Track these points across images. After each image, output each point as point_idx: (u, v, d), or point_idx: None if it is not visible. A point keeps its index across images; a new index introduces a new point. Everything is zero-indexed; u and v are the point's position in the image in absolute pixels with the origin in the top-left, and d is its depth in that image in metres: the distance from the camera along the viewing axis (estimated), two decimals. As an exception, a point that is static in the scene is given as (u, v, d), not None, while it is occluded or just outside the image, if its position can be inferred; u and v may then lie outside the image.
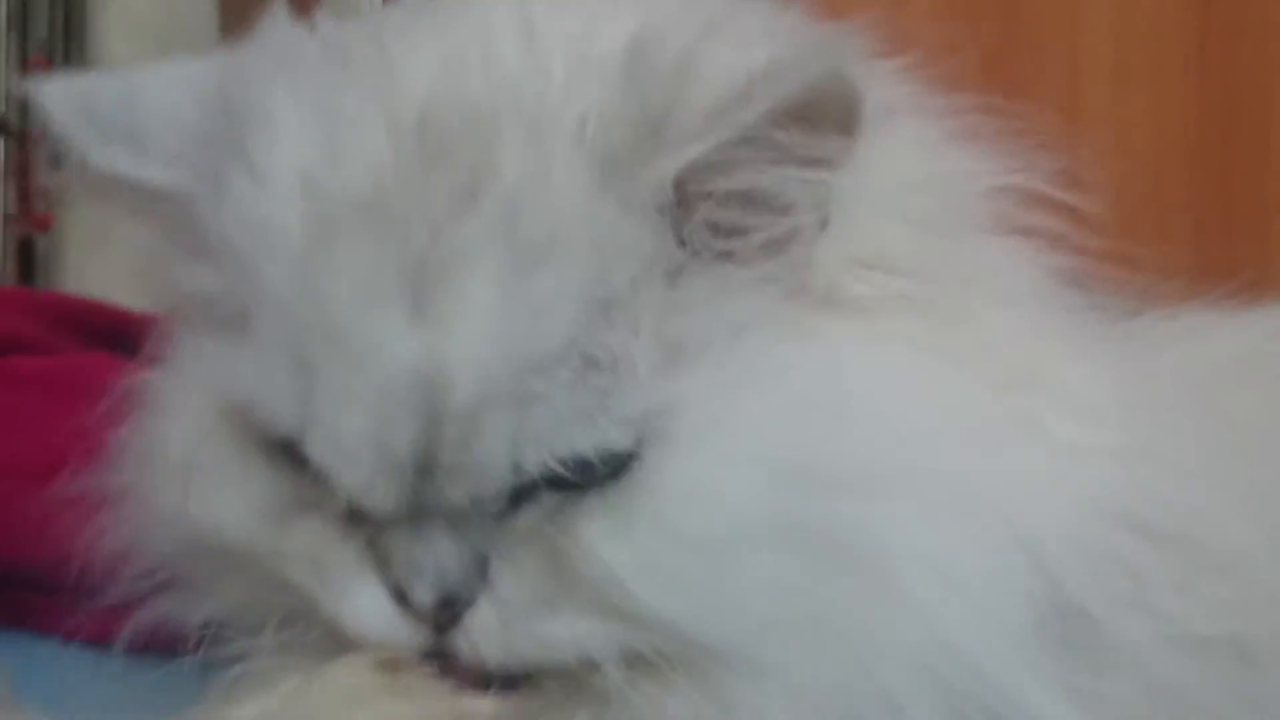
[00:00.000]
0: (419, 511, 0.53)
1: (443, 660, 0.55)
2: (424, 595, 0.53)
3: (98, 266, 1.99)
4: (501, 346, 0.50)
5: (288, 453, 0.55)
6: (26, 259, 2.18)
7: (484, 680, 0.55)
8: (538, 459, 0.51)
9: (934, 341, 0.55)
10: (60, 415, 0.63)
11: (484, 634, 0.53)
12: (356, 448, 0.52)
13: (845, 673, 0.52)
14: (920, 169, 0.57)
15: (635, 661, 0.53)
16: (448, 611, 0.53)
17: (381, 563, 0.54)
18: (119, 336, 0.68)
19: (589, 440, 0.51)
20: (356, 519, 0.55)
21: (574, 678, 0.54)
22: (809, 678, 0.52)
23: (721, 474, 0.51)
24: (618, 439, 0.51)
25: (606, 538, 0.51)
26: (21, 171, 2.16)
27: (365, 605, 0.54)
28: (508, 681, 0.55)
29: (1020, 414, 0.56)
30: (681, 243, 0.53)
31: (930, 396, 0.54)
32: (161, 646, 0.63)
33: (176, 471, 0.58)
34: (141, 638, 0.64)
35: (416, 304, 0.51)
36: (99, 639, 0.63)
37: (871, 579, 0.51)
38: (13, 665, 0.59)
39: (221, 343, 0.56)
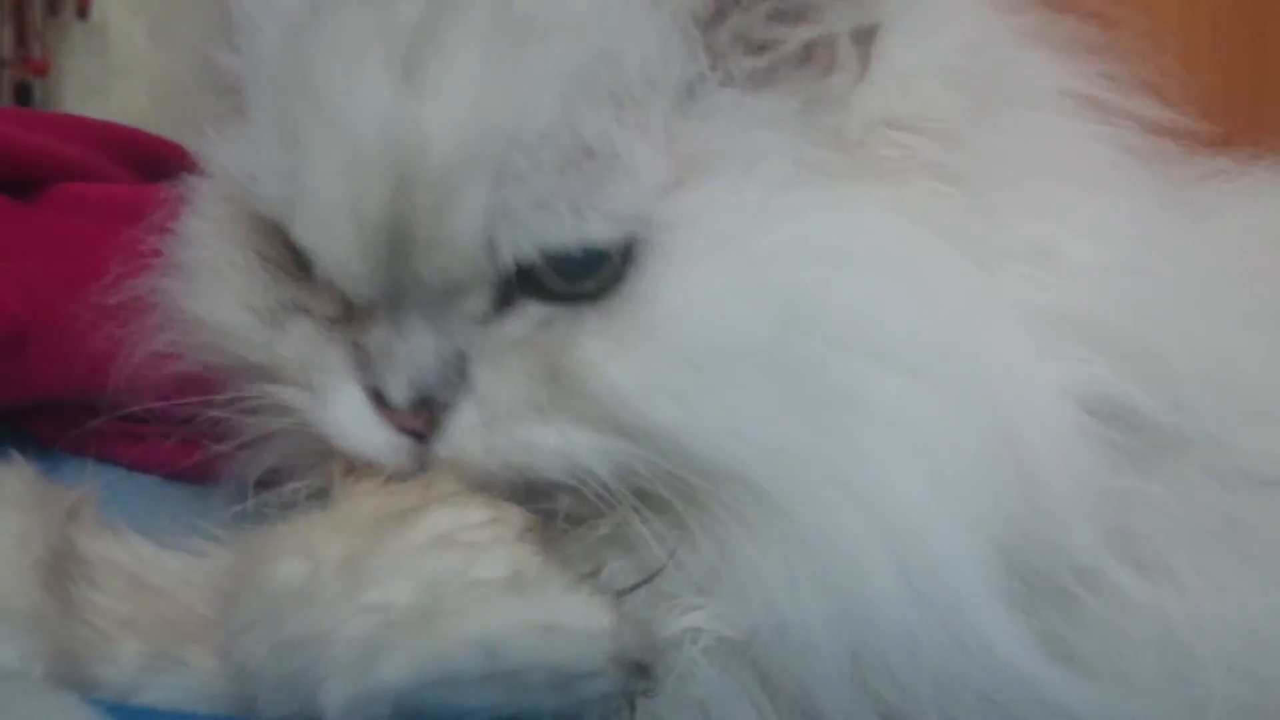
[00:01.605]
0: (398, 303, 0.51)
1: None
2: (398, 392, 0.51)
3: (95, 111, 1.97)
4: (483, 114, 0.49)
5: (283, 252, 0.54)
6: (24, 103, 2.16)
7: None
8: (515, 243, 0.49)
9: (956, 219, 0.53)
10: (124, 241, 0.63)
11: (466, 434, 0.51)
12: (333, 217, 0.50)
13: (819, 517, 0.50)
14: (980, 35, 0.55)
15: (644, 499, 0.51)
16: (424, 413, 0.51)
17: (361, 364, 0.52)
18: (162, 164, 0.68)
19: (572, 232, 0.49)
20: (343, 321, 0.54)
21: (591, 518, 0.53)
22: (791, 513, 0.50)
23: (729, 297, 0.50)
24: (604, 234, 0.50)
25: (609, 351, 0.50)
26: (18, 15, 2.13)
27: (344, 408, 0.52)
28: None
29: (1035, 243, 0.55)
30: (713, 60, 0.51)
31: (937, 276, 0.52)
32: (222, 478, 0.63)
33: (192, 272, 0.58)
34: (203, 469, 0.64)
35: (405, 70, 0.49)
36: (169, 469, 0.64)
37: (847, 432, 0.50)
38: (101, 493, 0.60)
39: (232, 133, 0.55)
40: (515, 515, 0.51)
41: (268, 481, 0.60)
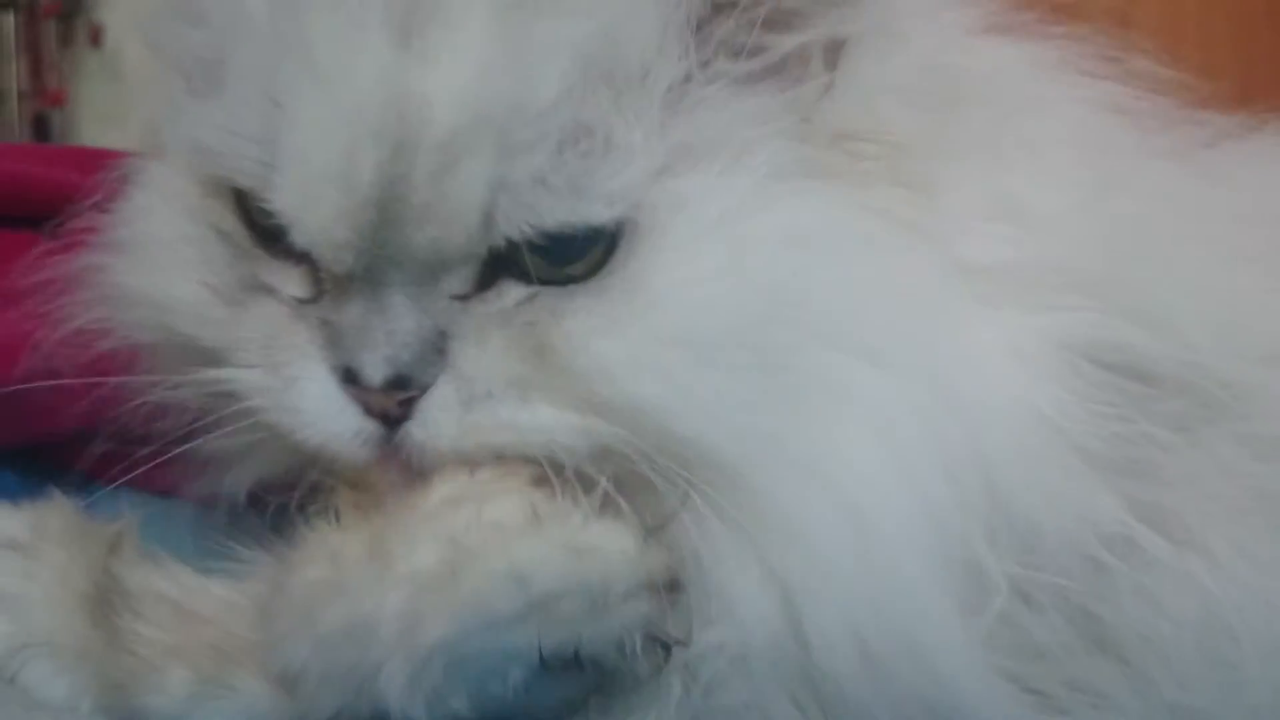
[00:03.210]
0: (378, 277, 0.50)
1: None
2: (374, 369, 0.49)
3: (114, 139, 1.98)
4: (490, 84, 0.48)
5: (245, 228, 0.53)
6: (42, 135, 2.18)
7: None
8: (512, 218, 0.49)
9: (916, 217, 0.54)
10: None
11: (443, 413, 0.50)
12: (321, 181, 0.49)
13: (786, 499, 0.51)
14: (941, 55, 0.57)
15: (620, 483, 0.51)
16: (397, 393, 0.50)
17: (331, 343, 0.51)
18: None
19: (569, 211, 0.49)
20: (312, 301, 0.52)
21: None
22: (760, 494, 0.51)
23: (717, 280, 0.51)
24: (600, 214, 0.50)
25: (597, 327, 0.50)
26: (33, 47, 2.15)
27: (310, 390, 0.51)
28: None
29: (996, 200, 0.56)
30: (705, 58, 0.52)
31: (903, 270, 0.53)
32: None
33: (140, 248, 0.57)
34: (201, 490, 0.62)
35: (403, 33, 0.48)
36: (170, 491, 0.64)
37: (820, 418, 0.51)
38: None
39: (195, 106, 0.53)
40: (523, 468, 0.51)
41: (261, 496, 0.60)
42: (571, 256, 0.51)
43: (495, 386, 0.51)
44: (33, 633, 0.55)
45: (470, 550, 0.49)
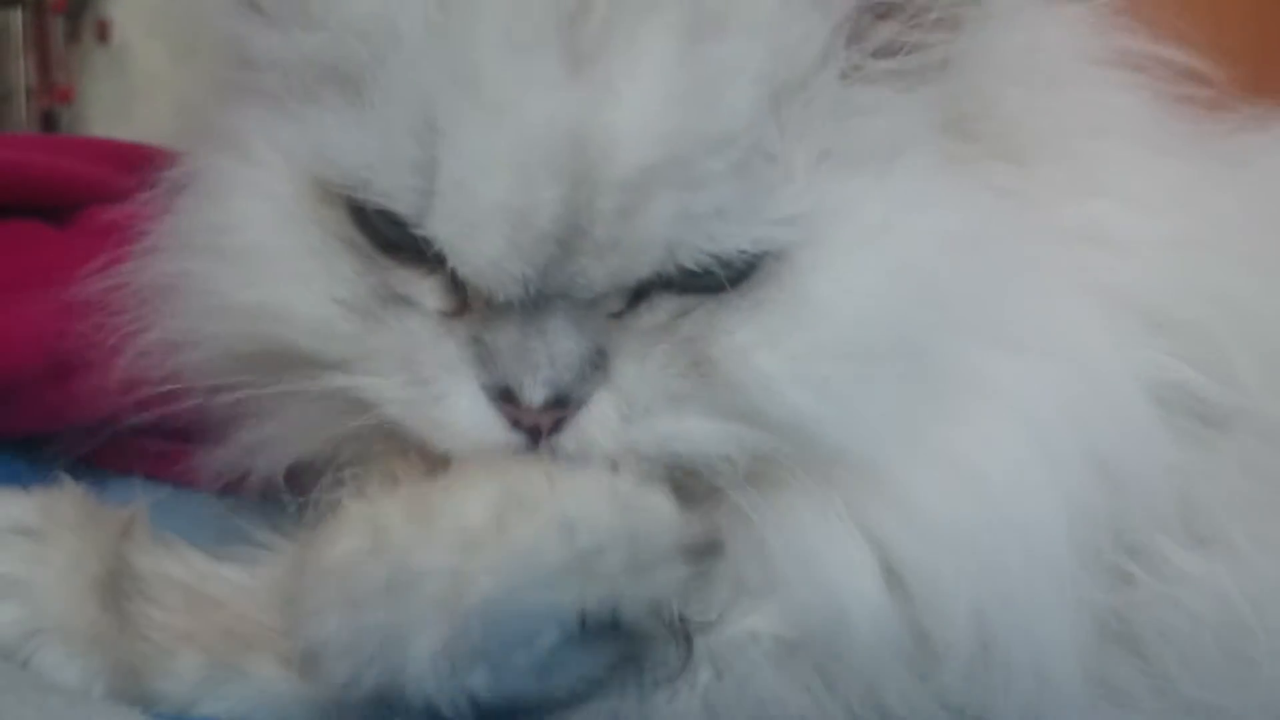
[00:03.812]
0: (541, 302, 0.49)
1: None
2: (534, 392, 0.49)
3: (120, 134, 1.98)
4: (676, 115, 0.47)
5: (381, 242, 0.52)
6: (50, 131, 2.19)
7: None
8: (696, 247, 0.48)
9: (1020, 185, 0.55)
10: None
11: (600, 428, 0.50)
12: (490, 216, 0.47)
13: (927, 494, 0.51)
14: (1036, 37, 0.58)
15: (756, 473, 0.51)
16: (555, 412, 0.50)
17: (483, 361, 0.50)
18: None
19: (744, 238, 0.49)
20: (456, 315, 0.51)
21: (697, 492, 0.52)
22: (910, 494, 0.51)
23: (877, 286, 0.50)
24: (775, 238, 0.49)
25: (759, 341, 0.50)
26: (40, 44, 2.15)
27: (461, 405, 0.50)
28: None
29: (1088, 223, 0.56)
30: (860, 60, 0.51)
31: (1035, 262, 0.54)
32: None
33: (246, 258, 0.54)
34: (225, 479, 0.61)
35: (574, 56, 0.46)
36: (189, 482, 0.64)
37: (966, 417, 0.52)
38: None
39: (314, 114, 0.50)
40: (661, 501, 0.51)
41: (290, 485, 0.59)
42: (733, 276, 0.50)
43: (654, 401, 0.50)
44: (45, 617, 0.55)
45: (519, 499, 0.48)
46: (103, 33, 2.18)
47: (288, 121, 0.52)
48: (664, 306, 0.51)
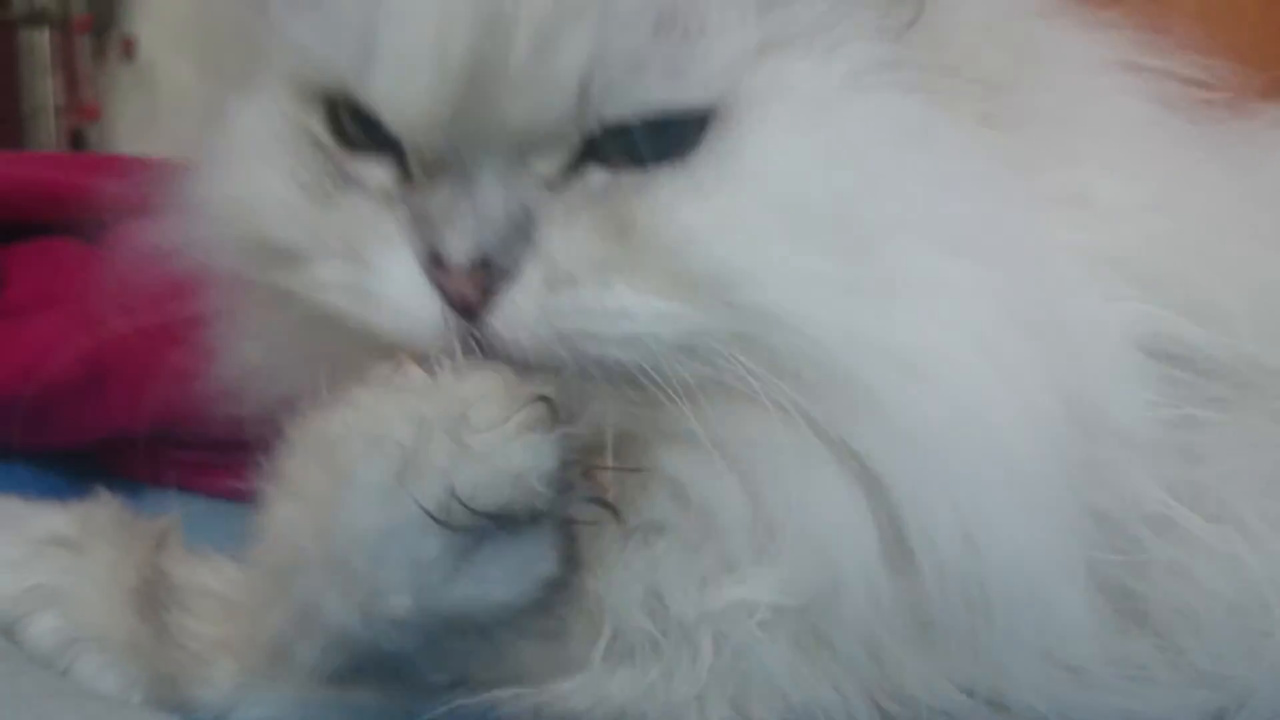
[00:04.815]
0: (469, 159, 0.50)
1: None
2: (459, 248, 0.49)
3: (148, 150, 2.00)
4: None
5: (347, 141, 0.53)
6: (79, 149, 2.20)
7: None
8: (609, 99, 0.49)
9: (1001, 157, 0.54)
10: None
11: (526, 298, 0.49)
12: (415, 60, 0.49)
13: (894, 399, 0.50)
14: (1021, 6, 0.59)
15: (706, 388, 0.50)
16: (482, 274, 0.49)
17: (417, 227, 0.50)
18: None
19: (666, 93, 0.49)
20: (401, 191, 0.52)
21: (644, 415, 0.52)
22: (865, 393, 0.50)
23: (810, 158, 0.50)
24: (696, 97, 0.49)
25: (683, 196, 0.50)
26: (67, 63, 2.17)
27: (394, 275, 0.50)
28: None
29: (1069, 189, 0.56)
30: None
31: (988, 178, 0.54)
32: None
33: (232, 159, 0.57)
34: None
35: None
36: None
37: (912, 315, 0.51)
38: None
39: (301, 16, 0.53)
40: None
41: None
42: (664, 147, 0.50)
43: (579, 269, 0.50)
44: (84, 627, 0.56)
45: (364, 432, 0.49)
46: (128, 50, 2.19)
47: (285, 30, 0.54)
48: (595, 178, 0.51)
